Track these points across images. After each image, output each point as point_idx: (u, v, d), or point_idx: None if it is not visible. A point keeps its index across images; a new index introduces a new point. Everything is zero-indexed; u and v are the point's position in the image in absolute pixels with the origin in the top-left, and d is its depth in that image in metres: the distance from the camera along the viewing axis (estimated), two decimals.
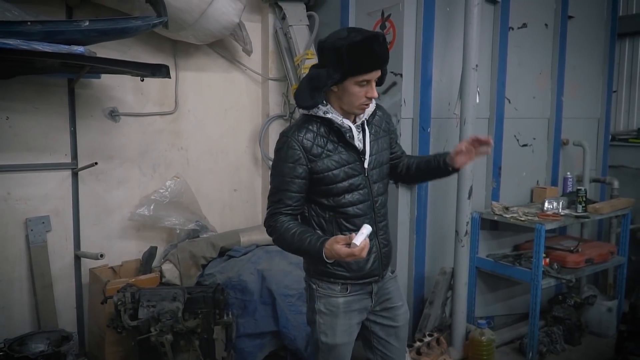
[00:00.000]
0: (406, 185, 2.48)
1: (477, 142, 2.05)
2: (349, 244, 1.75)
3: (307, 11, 4.08)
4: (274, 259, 3.52)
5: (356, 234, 1.74)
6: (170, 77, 3.25)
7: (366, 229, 1.75)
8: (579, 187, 3.80)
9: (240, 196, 4.33)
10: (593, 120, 4.71)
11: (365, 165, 2.02)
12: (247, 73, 4.25)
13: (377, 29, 3.62)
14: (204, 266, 3.64)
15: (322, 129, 1.97)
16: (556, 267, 3.57)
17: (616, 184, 4.27)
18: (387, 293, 2.18)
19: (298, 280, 3.40)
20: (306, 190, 1.98)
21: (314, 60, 3.87)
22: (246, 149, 4.33)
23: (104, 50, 3.29)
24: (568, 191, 4.15)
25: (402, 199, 3.58)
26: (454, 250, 3.53)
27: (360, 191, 2.02)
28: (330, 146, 1.97)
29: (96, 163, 3.33)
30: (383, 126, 2.13)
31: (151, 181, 3.86)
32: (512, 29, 3.93)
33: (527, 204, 4.07)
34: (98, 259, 3.25)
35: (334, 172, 1.97)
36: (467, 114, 3.34)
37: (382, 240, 2.12)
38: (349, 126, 1.98)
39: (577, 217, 3.61)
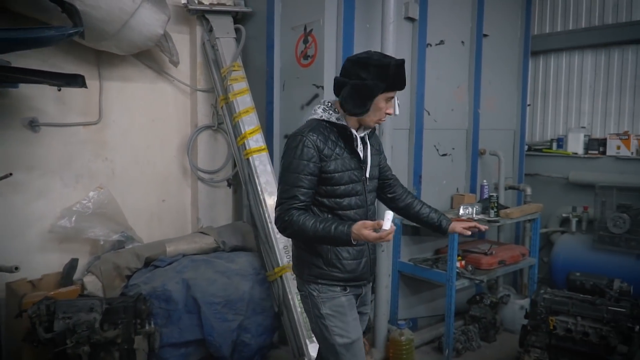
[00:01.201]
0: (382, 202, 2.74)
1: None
2: (376, 230, 1.89)
3: (234, 24, 4.17)
4: (200, 267, 3.54)
5: (383, 220, 1.87)
6: (86, 87, 3.23)
7: (390, 215, 1.88)
8: (491, 194, 4.05)
9: (169, 206, 4.33)
10: (509, 132, 5.03)
11: (367, 175, 2.21)
12: (175, 84, 4.27)
13: (300, 43, 3.76)
14: (128, 277, 3.61)
15: (332, 134, 2.12)
16: (471, 268, 3.79)
17: (529, 190, 4.57)
18: (364, 296, 2.35)
19: (224, 288, 3.45)
20: (315, 188, 2.10)
21: (240, 72, 3.96)
22: (174, 159, 4.34)
23: (24, 59, 3.25)
24: (484, 197, 4.40)
25: None
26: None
27: (359, 197, 2.17)
28: (338, 150, 2.12)
29: (11, 174, 3.25)
30: (376, 146, 2.31)
31: (74, 192, 3.80)
32: (430, 45, 4.16)
33: (448, 210, 4.29)
34: (13, 272, 3.17)
35: (340, 174, 2.11)
36: (385, 125, 3.50)
37: (371, 247, 2.27)
38: (356, 136, 2.15)
39: (489, 221, 3.85)
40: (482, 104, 4.61)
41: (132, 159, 4.11)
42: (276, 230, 3.45)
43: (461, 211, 3.90)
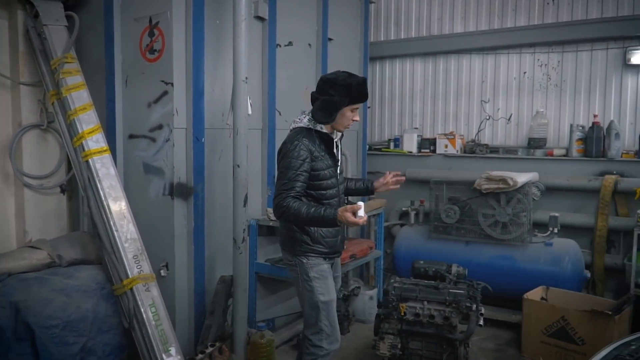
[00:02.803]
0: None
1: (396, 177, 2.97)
2: (354, 214, 2.38)
3: (65, 10, 3.72)
4: (32, 287, 3.09)
5: (359, 208, 2.38)
6: None
7: (362, 204, 2.39)
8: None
9: None
10: (353, 133, 5.30)
11: (338, 171, 2.80)
12: None
13: (145, 36, 3.50)
14: None
15: (317, 139, 2.68)
16: None
17: None
18: (336, 265, 2.98)
19: (63, 308, 3.06)
20: (307, 182, 2.63)
21: (75, 64, 3.55)
22: None
23: None
24: None
25: (179, 211, 3.50)
26: (232, 258, 3.57)
27: (335, 189, 2.76)
28: (322, 152, 2.69)
29: None
30: (342, 148, 2.90)
31: None
32: (280, 45, 4.19)
33: None
34: None
35: (325, 171, 2.69)
36: (240, 124, 3.43)
37: (342, 226, 2.75)
38: (336, 141, 2.77)
39: None
40: None
41: None
42: (124, 239, 3.22)
43: None
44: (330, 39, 4.75)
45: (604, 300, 3.84)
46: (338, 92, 2.62)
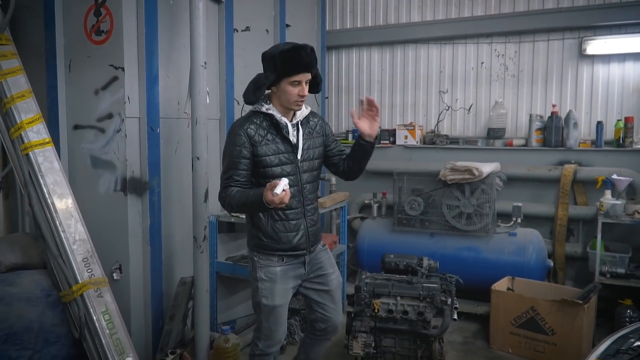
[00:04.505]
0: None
1: (367, 105, 2.46)
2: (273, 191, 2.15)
3: None
4: None
5: (276, 185, 2.14)
6: None
7: (282, 181, 2.15)
8: None
9: None
10: None
11: (298, 157, 2.49)
12: None
13: (91, 16, 3.17)
14: None
15: (264, 123, 2.45)
16: None
17: (334, 180, 4.71)
18: (319, 262, 2.66)
19: (3, 319, 2.73)
20: (250, 169, 2.43)
21: (10, 46, 3.17)
22: None
23: None
24: None
25: (132, 208, 3.21)
26: (193, 258, 3.33)
27: (291, 177, 2.44)
28: (269, 137, 2.44)
29: None
30: (317, 129, 2.61)
31: None
32: (237, 30, 3.96)
33: None
34: None
35: (270, 157, 2.43)
36: (199, 113, 3.18)
37: (309, 221, 2.57)
38: (286, 123, 2.46)
39: None
40: None
41: None
42: (72, 240, 2.92)
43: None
44: (288, 25, 4.56)
45: (569, 289, 3.87)
46: (266, 66, 2.41)
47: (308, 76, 2.41)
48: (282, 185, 2.13)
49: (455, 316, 3.17)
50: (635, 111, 4.46)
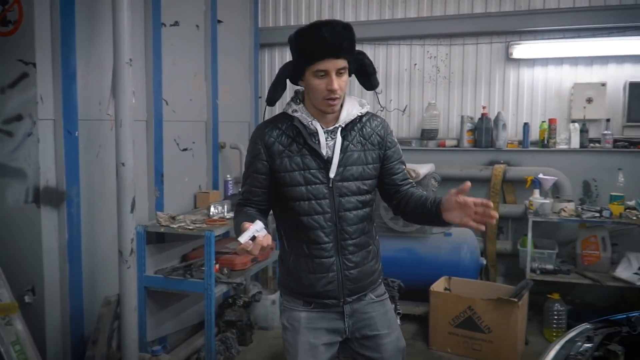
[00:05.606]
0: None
1: (475, 206, 1.71)
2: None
3: None
4: None
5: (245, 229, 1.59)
6: None
7: (254, 225, 1.60)
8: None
9: None
10: (244, 124, 4.93)
11: (331, 175, 1.82)
12: None
13: None
14: None
15: (290, 128, 1.84)
16: (226, 271, 3.51)
17: None
18: (367, 318, 1.94)
19: None
20: (269, 187, 1.87)
21: None
22: None
23: None
24: (229, 194, 4.18)
25: (47, 222, 2.87)
26: (118, 274, 3.03)
27: (320, 201, 1.83)
28: (294, 147, 1.83)
29: None
30: (372, 139, 1.90)
31: None
32: (165, 25, 3.68)
33: (192, 211, 3.91)
34: None
35: (292, 174, 1.82)
36: (124, 115, 2.89)
37: (345, 261, 1.87)
38: (316, 129, 1.81)
39: None
40: (220, 95, 4.36)
41: None
42: None
43: (212, 210, 3.59)
44: (219, 21, 4.32)
45: (502, 287, 3.96)
46: (292, 54, 1.81)
47: (338, 64, 1.72)
48: (252, 232, 1.58)
49: (399, 321, 3.11)
50: (557, 113, 4.66)
